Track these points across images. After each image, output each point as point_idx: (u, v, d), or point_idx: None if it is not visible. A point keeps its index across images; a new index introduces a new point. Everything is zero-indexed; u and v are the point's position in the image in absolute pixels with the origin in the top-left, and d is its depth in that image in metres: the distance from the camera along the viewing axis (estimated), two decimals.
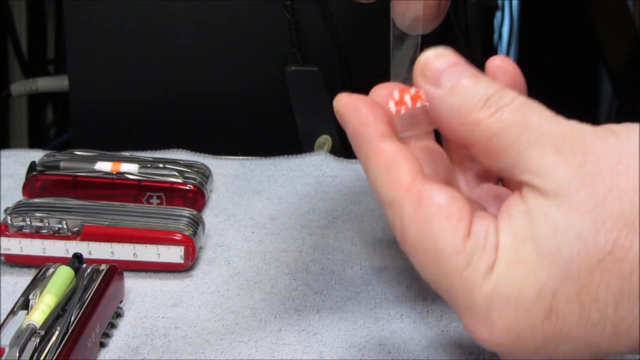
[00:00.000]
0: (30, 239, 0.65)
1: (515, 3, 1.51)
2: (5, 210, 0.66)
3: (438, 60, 0.46)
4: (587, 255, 0.41)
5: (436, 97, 0.46)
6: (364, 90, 0.50)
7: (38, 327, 0.54)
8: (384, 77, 0.56)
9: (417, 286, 0.64)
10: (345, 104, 0.48)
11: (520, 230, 0.43)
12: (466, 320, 0.44)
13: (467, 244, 0.43)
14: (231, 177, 0.79)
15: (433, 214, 0.44)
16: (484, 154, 0.45)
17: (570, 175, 0.42)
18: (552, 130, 0.43)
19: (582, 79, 1.51)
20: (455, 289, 0.44)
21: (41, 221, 0.65)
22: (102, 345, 0.58)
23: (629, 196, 0.41)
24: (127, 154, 0.76)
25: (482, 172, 0.52)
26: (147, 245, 0.64)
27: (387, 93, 0.49)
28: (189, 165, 0.74)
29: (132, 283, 0.64)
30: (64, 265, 0.59)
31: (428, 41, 0.54)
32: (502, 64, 0.50)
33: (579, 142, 0.43)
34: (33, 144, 1.44)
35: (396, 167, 0.45)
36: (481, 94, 0.45)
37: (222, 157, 0.82)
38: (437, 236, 0.44)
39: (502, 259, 0.43)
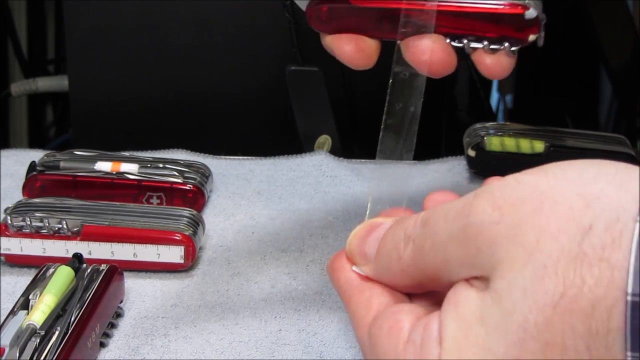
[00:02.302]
0: (30, 239, 0.65)
1: None
2: (5, 210, 0.66)
3: (356, 239, 0.47)
4: (540, 308, 0.37)
5: (373, 271, 0.46)
6: (364, 89, 0.50)
7: (38, 327, 0.54)
8: (383, 77, 0.56)
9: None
10: (328, 267, 0.49)
11: (468, 315, 0.40)
12: None
13: (407, 350, 0.42)
14: (231, 177, 0.79)
15: (377, 336, 0.43)
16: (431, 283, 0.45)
17: (491, 242, 0.40)
18: (454, 212, 0.42)
19: (582, 79, 1.51)
20: None
21: (41, 221, 0.65)
22: (102, 345, 0.58)
23: (564, 231, 0.38)
24: (127, 154, 0.76)
25: None
26: (147, 245, 0.64)
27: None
28: (189, 165, 0.74)
29: (132, 283, 0.64)
30: (64, 265, 0.59)
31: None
32: (439, 197, 0.50)
33: (484, 203, 0.40)
34: (33, 144, 1.44)
35: (358, 314, 0.46)
36: (398, 236, 0.44)
37: (222, 157, 0.82)
38: (384, 354, 0.43)
39: (449, 348, 0.40)
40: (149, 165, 0.73)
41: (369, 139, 0.61)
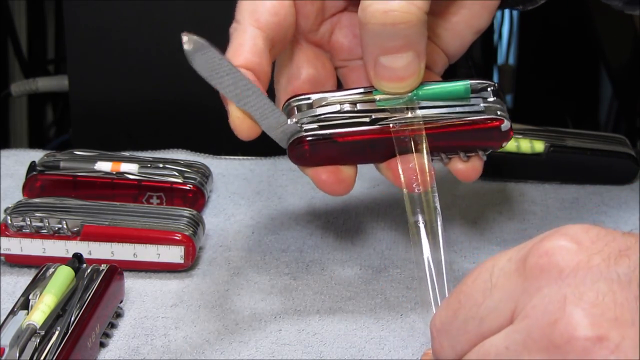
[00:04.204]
0: (30, 239, 0.65)
1: None
2: (5, 210, 0.66)
3: None
4: None
5: None
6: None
7: (38, 327, 0.54)
8: None
9: (417, 286, 0.64)
10: None
11: None
12: None
13: None
14: (231, 177, 0.79)
15: None
16: None
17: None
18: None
19: (582, 79, 1.51)
20: None
21: (41, 221, 0.65)
22: (102, 345, 0.58)
23: None
24: (127, 154, 0.76)
25: None
26: (147, 245, 0.64)
27: None
28: (189, 165, 0.74)
29: (132, 283, 0.64)
30: (64, 265, 0.59)
31: None
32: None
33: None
34: (33, 144, 1.45)
35: None
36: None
37: (222, 157, 0.82)
38: None
39: None
40: (149, 165, 0.73)
41: None
